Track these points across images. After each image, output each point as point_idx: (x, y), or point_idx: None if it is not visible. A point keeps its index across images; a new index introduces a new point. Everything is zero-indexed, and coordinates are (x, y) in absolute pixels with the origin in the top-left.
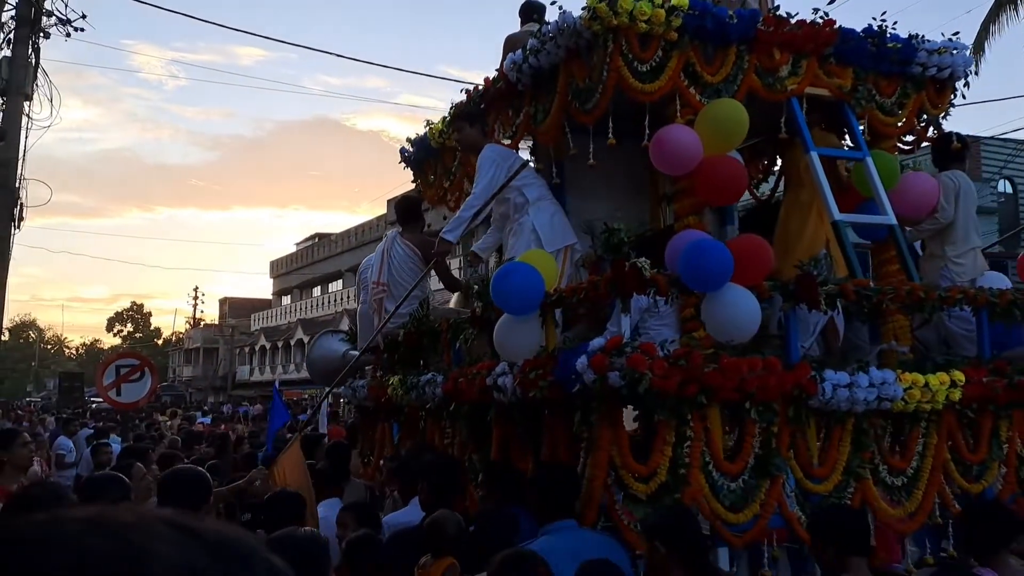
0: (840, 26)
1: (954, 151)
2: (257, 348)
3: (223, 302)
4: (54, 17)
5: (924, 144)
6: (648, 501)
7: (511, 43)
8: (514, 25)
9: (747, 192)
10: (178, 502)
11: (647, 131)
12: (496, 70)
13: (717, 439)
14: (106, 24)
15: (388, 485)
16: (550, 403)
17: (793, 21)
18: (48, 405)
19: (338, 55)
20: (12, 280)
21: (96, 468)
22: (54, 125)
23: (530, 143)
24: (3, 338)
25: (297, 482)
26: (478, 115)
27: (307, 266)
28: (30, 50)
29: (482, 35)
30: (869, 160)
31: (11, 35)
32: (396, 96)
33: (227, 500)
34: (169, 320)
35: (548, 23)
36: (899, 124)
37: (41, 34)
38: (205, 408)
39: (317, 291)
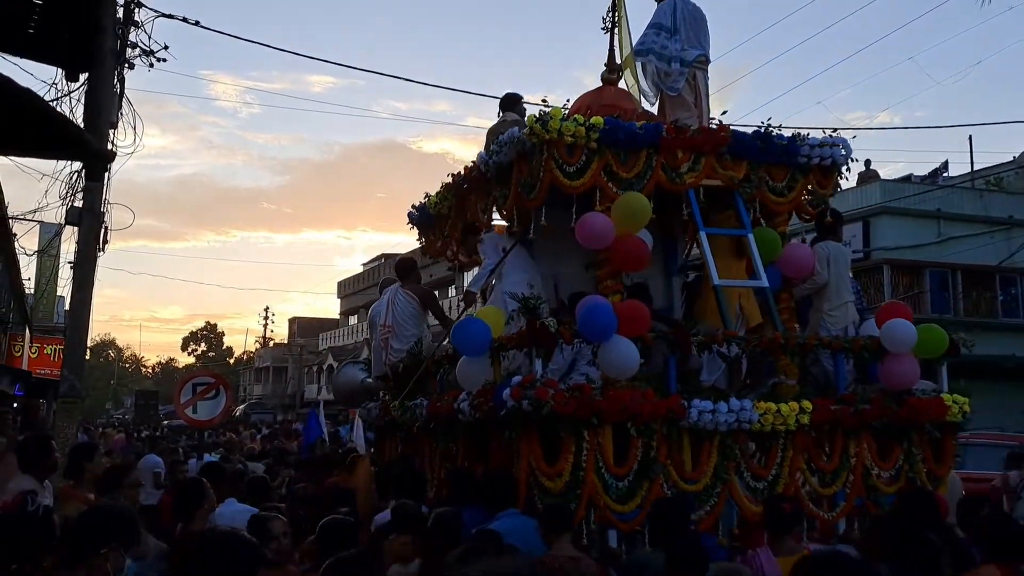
0: (733, 130)
1: (827, 225)
2: (325, 367)
3: (292, 322)
4: (138, 48)
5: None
6: (556, 496)
7: (493, 133)
8: (579, 52)
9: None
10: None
11: (574, 216)
12: (472, 161)
13: (608, 450)
14: (186, 55)
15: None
16: (491, 423)
17: (694, 129)
18: (123, 422)
19: (406, 79)
20: (94, 301)
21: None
22: (136, 152)
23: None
24: (86, 357)
25: (367, 485)
26: None
27: (373, 286)
28: (115, 80)
29: (546, 59)
30: (751, 236)
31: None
32: (462, 119)
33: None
34: (241, 339)
35: (511, 128)
36: (788, 203)
37: (126, 65)
38: (276, 426)
39: None
